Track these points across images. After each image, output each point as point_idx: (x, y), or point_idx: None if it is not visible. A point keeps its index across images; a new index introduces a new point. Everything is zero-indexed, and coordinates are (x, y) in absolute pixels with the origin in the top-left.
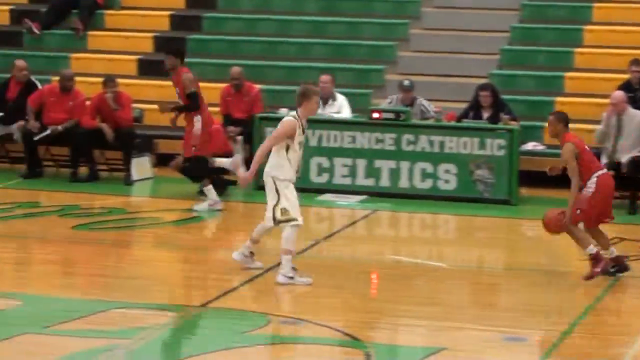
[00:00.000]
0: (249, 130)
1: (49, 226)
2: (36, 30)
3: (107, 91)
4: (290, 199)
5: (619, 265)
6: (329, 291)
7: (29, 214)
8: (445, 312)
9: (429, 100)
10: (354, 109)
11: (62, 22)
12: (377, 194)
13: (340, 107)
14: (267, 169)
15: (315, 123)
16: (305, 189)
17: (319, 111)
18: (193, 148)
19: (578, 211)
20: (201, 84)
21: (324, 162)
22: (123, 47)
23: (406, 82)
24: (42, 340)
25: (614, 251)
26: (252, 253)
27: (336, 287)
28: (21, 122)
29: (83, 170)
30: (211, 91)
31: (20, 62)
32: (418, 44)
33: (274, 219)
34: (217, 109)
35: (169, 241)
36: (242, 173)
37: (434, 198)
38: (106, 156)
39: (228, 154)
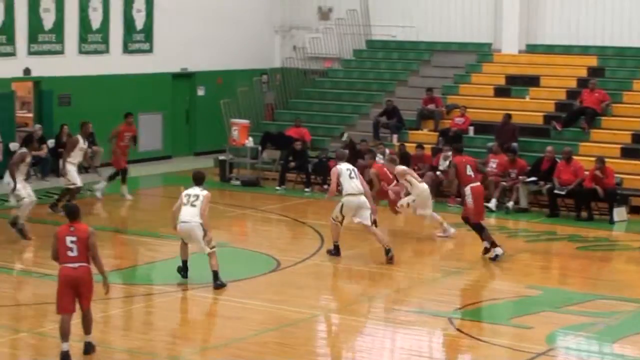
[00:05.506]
0: None
1: (562, 247)
2: (558, 128)
3: (597, 166)
4: None
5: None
6: None
7: (549, 238)
8: None
9: None
10: None
11: (575, 123)
12: None
13: None
14: None
15: None
16: None
17: None
18: None
19: None
20: None
21: None
22: (609, 139)
23: None
24: (554, 315)
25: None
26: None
27: None
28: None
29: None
30: None
31: (550, 148)
32: None
33: None
34: None
35: (638, 259)
36: None
37: None
38: (598, 205)
39: None
